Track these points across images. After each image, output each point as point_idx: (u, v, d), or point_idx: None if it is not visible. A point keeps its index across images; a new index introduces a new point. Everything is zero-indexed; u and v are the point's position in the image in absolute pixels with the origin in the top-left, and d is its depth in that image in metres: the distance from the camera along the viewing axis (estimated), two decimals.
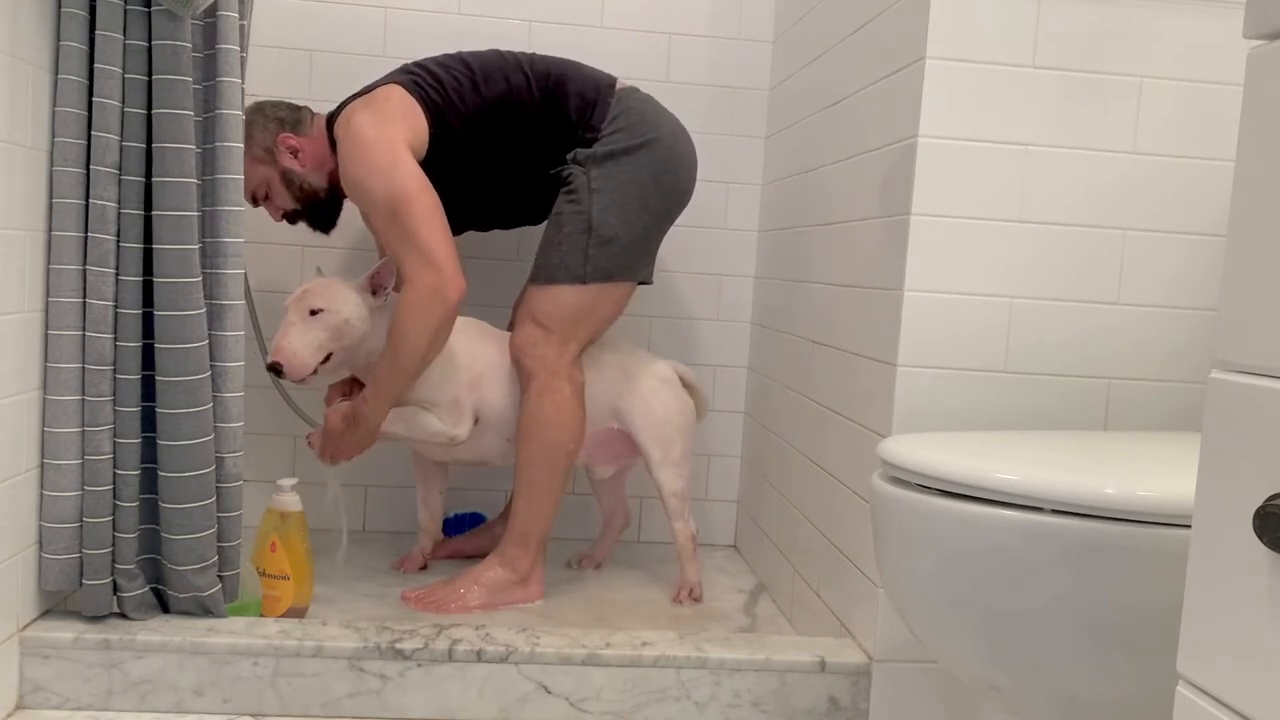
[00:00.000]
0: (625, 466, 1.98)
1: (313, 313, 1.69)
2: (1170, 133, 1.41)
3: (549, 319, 1.77)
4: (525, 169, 1.83)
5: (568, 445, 1.78)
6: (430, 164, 1.74)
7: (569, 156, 1.80)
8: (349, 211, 1.93)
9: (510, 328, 1.92)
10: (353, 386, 1.86)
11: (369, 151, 1.70)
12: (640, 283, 1.87)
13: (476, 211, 1.92)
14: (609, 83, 1.85)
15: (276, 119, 1.84)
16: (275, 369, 1.67)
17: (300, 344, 1.68)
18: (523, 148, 1.81)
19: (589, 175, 1.77)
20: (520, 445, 1.79)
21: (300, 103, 1.91)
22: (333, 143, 1.82)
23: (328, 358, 1.72)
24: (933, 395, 1.41)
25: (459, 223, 1.88)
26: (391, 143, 1.70)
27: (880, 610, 1.43)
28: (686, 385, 1.93)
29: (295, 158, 1.84)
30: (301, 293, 1.72)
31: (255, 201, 1.88)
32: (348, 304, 1.72)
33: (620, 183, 1.77)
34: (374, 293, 1.76)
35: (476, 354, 1.82)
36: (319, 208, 1.90)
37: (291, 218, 1.91)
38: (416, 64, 1.83)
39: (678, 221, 1.90)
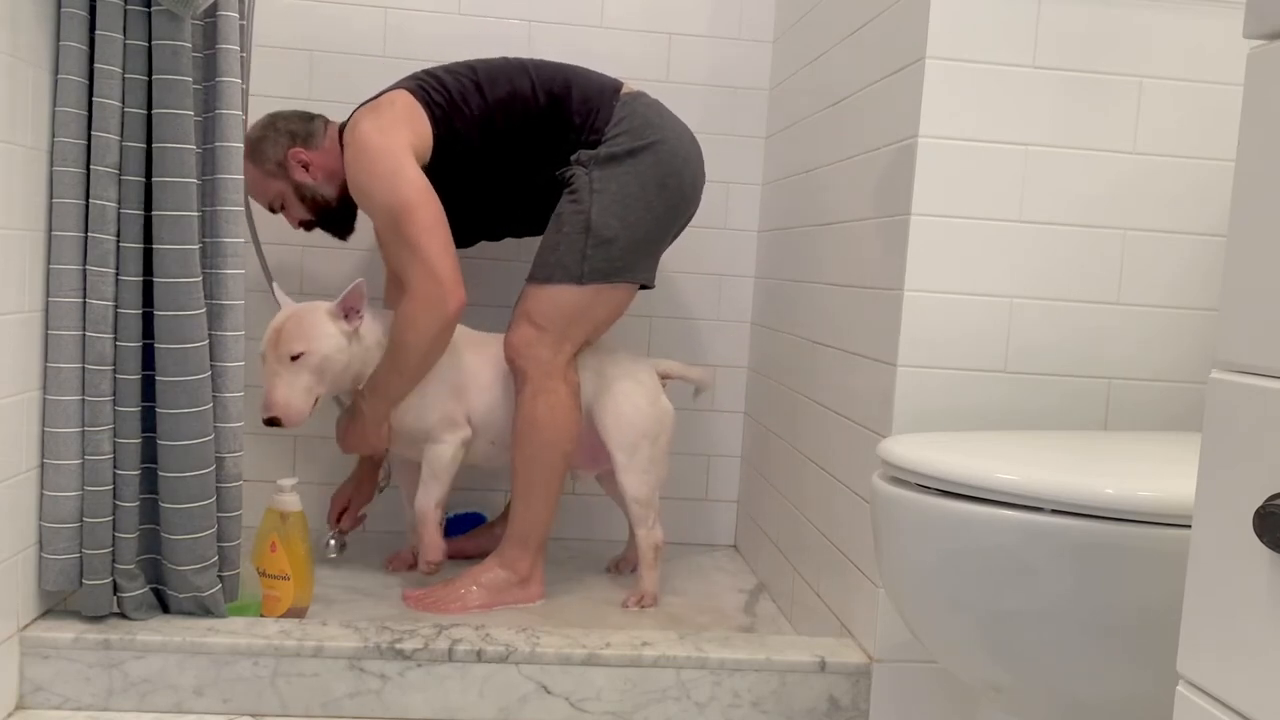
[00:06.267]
0: (609, 470, 1.91)
1: (293, 358, 1.68)
2: (1170, 133, 1.41)
3: (544, 319, 1.77)
4: (530, 173, 1.83)
5: (563, 446, 1.78)
6: (437, 169, 1.75)
7: (572, 158, 1.80)
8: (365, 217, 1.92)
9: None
10: None
11: (372, 158, 1.71)
12: (642, 286, 1.86)
13: (486, 220, 1.92)
14: (614, 87, 1.85)
15: (288, 132, 1.85)
16: (274, 423, 1.67)
17: (290, 393, 1.67)
18: (527, 150, 1.81)
19: (591, 176, 1.77)
20: (516, 447, 1.79)
21: (313, 110, 1.91)
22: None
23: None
24: (933, 395, 1.40)
25: (470, 234, 1.91)
26: (395, 150, 1.71)
27: (880, 610, 1.43)
28: (679, 376, 1.93)
29: (306, 171, 1.86)
30: (274, 335, 1.70)
31: (273, 210, 1.91)
32: (325, 339, 1.70)
33: (622, 184, 1.77)
34: (346, 318, 1.73)
35: (454, 366, 1.81)
36: (332, 216, 1.92)
37: (308, 226, 1.93)
38: (425, 71, 1.85)
39: None
